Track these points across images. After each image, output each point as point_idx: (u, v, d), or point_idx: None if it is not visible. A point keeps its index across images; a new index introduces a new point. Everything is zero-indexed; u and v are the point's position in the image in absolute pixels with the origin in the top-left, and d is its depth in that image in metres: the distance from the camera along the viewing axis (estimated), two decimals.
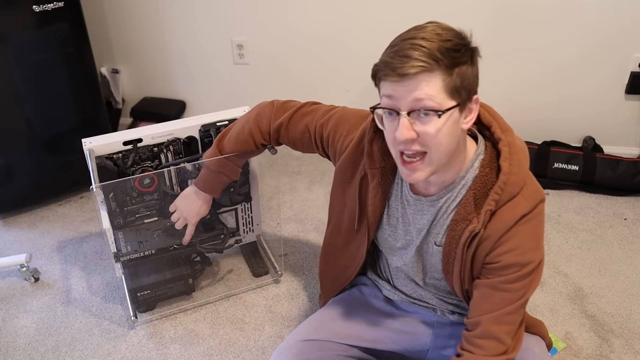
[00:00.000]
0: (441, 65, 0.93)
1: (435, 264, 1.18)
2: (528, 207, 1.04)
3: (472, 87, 0.98)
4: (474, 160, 1.08)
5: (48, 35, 1.96)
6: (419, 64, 0.92)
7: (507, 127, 1.09)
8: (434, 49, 0.92)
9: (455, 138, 1.00)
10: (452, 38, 0.94)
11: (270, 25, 2.34)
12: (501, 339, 1.08)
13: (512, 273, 1.06)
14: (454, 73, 0.94)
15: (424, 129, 0.96)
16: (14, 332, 1.67)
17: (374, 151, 1.16)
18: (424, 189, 1.13)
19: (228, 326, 1.67)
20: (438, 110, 0.94)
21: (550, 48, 2.18)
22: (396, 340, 1.32)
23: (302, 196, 2.24)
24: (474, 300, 1.12)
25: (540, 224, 1.07)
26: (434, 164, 1.00)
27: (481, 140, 1.10)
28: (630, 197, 2.17)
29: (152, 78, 2.60)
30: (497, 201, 1.03)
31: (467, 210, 1.07)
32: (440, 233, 1.13)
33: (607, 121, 2.28)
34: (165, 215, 1.69)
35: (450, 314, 1.30)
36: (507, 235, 1.05)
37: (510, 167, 1.04)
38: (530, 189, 1.06)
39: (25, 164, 2.08)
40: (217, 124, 1.63)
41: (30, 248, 2.00)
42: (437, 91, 0.94)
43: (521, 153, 1.07)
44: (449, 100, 0.95)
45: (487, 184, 1.06)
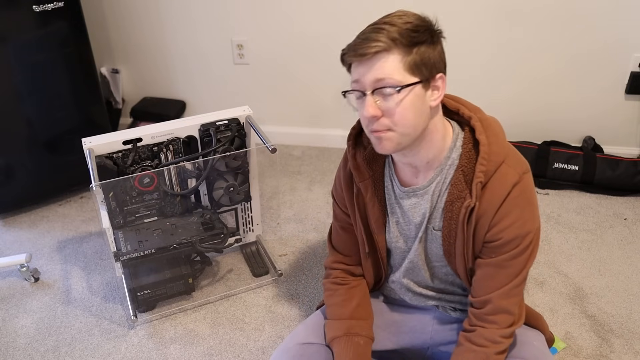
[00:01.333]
0: (398, 44, 0.99)
1: (436, 250, 1.18)
2: (516, 175, 1.07)
3: (435, 65, 1.03)
4: (455, 140, 1.11)
5: (48, 35, 1.96)
6: (377, 44, 0.99)
7: (474, 106, 1.14)
8: (393, 31, 0.99)
9: (422, 114, 1.04)
10: (412, 20, 1.01)
11: (270, 26, 2.34)
12: (511, 310, 1.13)
13: (514, 247, 1.09)
14: (412, 51, 1.00)
15: (386, 105, 1.02)
16: (14, 332, 1.67)
17: (359, 163, 1.20)
18: (414, 177, 1.15)
19: (228, 326, 1.67)
20: (396, 86, 0.99)
21: (551, 48, 2.18)
22: (396, 339, 1.32)
23: (302, 196, 2.24)
24: (478, 279, 1.14)
25: (532, 193, 1.11)
26: (401, 138, 1.05)
27: (454, 124, 1.14)
28: (630, 197, 2.17)
29: (152, 78, 2.60)
30: (484, 172, 1.06)
31: (459, 188, 1.10)
32: (437, 217, 1.14)
33: (607, 121, 2.28)
34: (165, 215, 1.69)
35: (452, 311, 1.30)
36: (503, 210, 1.07)
37: (488, 139, 1.08)
38: (514, 158, 1.09)
39: (25, 164, 2.08)
40: (217, 124, 1.63)
41: (30, 248, 2.00)
42: (396, 69, 0.99)
43: (494, 125, 1.12)
44: (410, 77, 1.00)
45: (471, 159, 1.09)
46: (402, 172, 1.17)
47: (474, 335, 1.14)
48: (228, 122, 1.64)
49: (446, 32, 1.07)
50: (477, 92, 2.30)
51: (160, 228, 1.66)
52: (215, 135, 1.63)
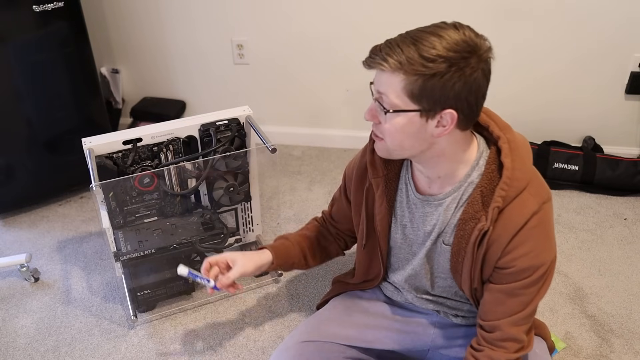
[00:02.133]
0: (404, 69, 0.94)
1: (443, 263, 1.18)
2: (536, 204, 1.04)
3: (442, 99, 0.96)
4: (479, 158, 1.08)
5: (48, 35, 1.96)
6: (383, 64, 0.96)
7: (505, 124, 1.09)
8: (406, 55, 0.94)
9: (416, 140, 1.02)
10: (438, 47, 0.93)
11: (270, 26, 2.34)
12: (519, 338, 1.12)
13: (527, 277, 1.07)
14: (416, 80, 0.94)
15: (382, 118, 1.03)
16: (14, 332, 1.67)
17: (376, 160, 1.18)
18: (428, 186, 1.14)
19: (228, 326, 1.67)
20: (387, 107, 0.99)
21: (551, 48, 2.18)
22: (396, 340, 1.32)
23: (302, 196, 2.24)
24: (487, 303, 1.13)
25: (551, 224, 1.08)
26: (389, 149, 1.06)
27: (481, 140, 1.10)
28: (630, 197, 2.17)
29: (152, 78, 2.60)
30: (503, 197, 1.03)
31: (475, 208, 1.07)
32: (448, 232, 1.13)
33: (607, 121, 2.28)
34: (165, 215, 1.69)
35: (453, 317, 1.30)
36: (519, 238, 1.04)
37: (513, 163, 1.04)
38: (536, 186, 1.06)
39: (25, 164, 2.08)
40: (217, 124, 1.63)
41: (30, 248, 2.00)
42: (394, 91, 0.97)
43: (523, 149, 1.08)
44: (409, 103, 0.97)
45: (492, 181, 1.06)
46: (418, 179, 1.16)
47: (481, 355, 1.13)
48: (228, 122, 1.64)
49: None
50: None
51: (160, 228, 1.66)
52: (215, 135, 1.63)
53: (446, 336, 1.30)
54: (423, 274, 1.23)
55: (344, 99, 2.45)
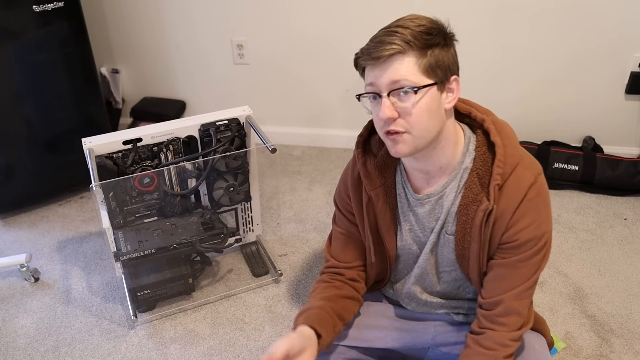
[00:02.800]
0: (413, 47, 0.99)
1: (448, 255, 1.18)
2: (532, 176, 1.07)
3: (449, 67, 1.04)
4: (468, 144, 1.11)
5: (48, 35, 1.96)
6: (391, 47, 0.99)
7: (486, 109, 1.14)
8: (407, 34, 1.00)
9: (437, 116, 1.04)
10: (425, 23, 1.02)
11: (270, 26, 2.34)
12: (521, 312, 1.12)
13: (529, 249, 1.09)
14: (427, 54, 1.00)
15: (402, 105, 1.02)
16: (14, 332, 1.67)
17: (370, 171, 1.18)
18: (426, 184, 1.14)
19: (228, 326, 1.67)
20: (414, 87, 1.00)
21: (551, 49, 2.18)
22: (396, 338, 1.32)
23: (302, 196, 2.24)
24: (489, 280, 1.13)
25: (547, 195, 1.11)
26: (417, 140, 1.04)
27: (465, 127, 1.14)
28: (630, 197, 2.17)
29: (152, 78, 2.60)
30: (501, 174, 1.06)
31: (474, 191, 1.09)
32: (450, 221, 1.14)
33: (607, 121, 2.28)
34: (165, 215, 1.69)
35: (455, 315, 1.30)
36: (520, 211, 1.07)
37: (503, 141, 1.08)
38: (528, 160, 1.09)
39: (25, 164, 2.08)
40: (217, 124, 1.63)
41: (30, 248, 2.00)
42: (411, 71, 1.00)
43: (507, 128, 1.12)
44: (426, 78, 1.01)
45: (486, 161, 1.09)
46: (414, 178, 1.16)
47: (482, 338, 1.13)
48: (228, 122, 1.64)
49: None
50: (477, 93, 2.30)
51: (160, 228, 1.66)
52: (215, 135, 1.63)
53: (447, 334, 1.30)
54: (429, 270, 1.23)
55: (344, 99, 2.45)
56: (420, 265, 1.22)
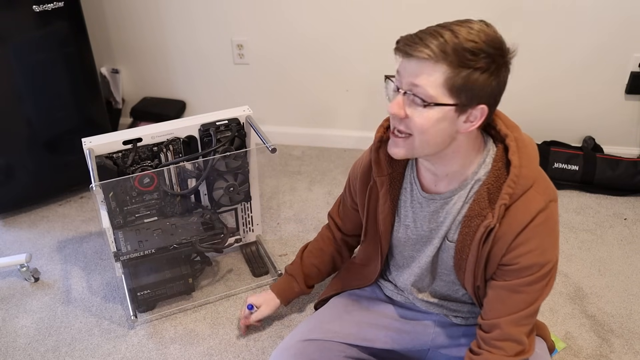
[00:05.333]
0: (448, 60, 0.92)
1: (447, 260, 1.18)
2: (542, 202, 1.03)
3: (479, 95, 0.96)
4: (486, 156, 1.08)
5: (48, 35, 1.96)
6: (426, 51, 0.93)
7: (513, 124, 1.09)
8: (450, 43, 0.92)
9: (445, 135, 1.00)
10: (479, 41, 0.93)
11: (270, 26, 2.34)
12: (520, 340, 1.10)
13: (531, 274, 1.06)
14: (459, 73, 0.93)
15: (410, 112, 0.98)
16: (14, 332, 1.67)
17: (381, 158, 1.18)
18: (434, 185, 1.13)
19: (228, 326, 1.67)
20: (425, 101, 0.95)
21: (550, 48, 2.18)
22: (397, 339, 1.32)
23: (302, 196, 2.24)
24: (489, 301, 1.12)
25: (556, 224, 1.07)
26: (414, 149, 1.02)
27: (489, 138, 1.10)
28: (630, 197, 2.17)
29: (152, 78, 2.60)
30: (510, 195, 1.03)
31: (481, 205, 1.07)
32: (453, 229, 1.13)
33: (607, 121, 2.28)
34: (165, 215, 1.69)
35: (453, 317, 1.30)
36: (524, 235, 1.04)
37: (520, 161, 1.04)
38: (543, 184, 1.05)
39: (25, 164, 2.08)
40: (217, 123, 1.63)
41: (30, 248, 2.00)
42: (434, 83, 0.94)
43: (530, 147, 1.07)
44: (447, 97, 0.95)
45: (499, 178, 1.05)
46: (424, 177, 1.15)
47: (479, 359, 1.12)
48: (228, 122, 1.64)
49: None
50: None
51: (160, 228, 1.66)
52: (215, 135, 1.63)
53: (446, 336, 1.30)
54: (428, 271, 1.23)
55: (344, 99, 2.45)
56: (421, 266, 1.22)
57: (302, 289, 1.55)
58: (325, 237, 1.53)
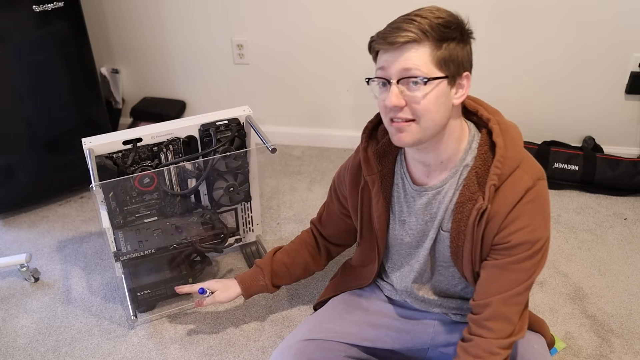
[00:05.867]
0: (429, 37, 0.99)
1: (444, 251, 1.18)
2: (530, 180, 1.06)
3: (462, 63, 1.03)
4: (471, 142, 1.11)
5: (48, 35, 1.96)
6: (407, 34, 0.98)
7: (494, 109, 1.13)
8: (425, 24, 0.99)
9: (445, 110, 1.04)
10: (445, 16, 1.01)
11: (270, 25, 2.34)
12: (511, 319, 1.10)
13: (522, 252, 1.07)
14: (442, 46, 1.00)
15: (411, 95, 1.01)
16: (14, 332, 1.67)
17: (370, 157, 1.19)
18: (426, 176, 1.14)
19: (228, 326, 1.67)
20: (424, 77, 0.99)
21: (550, 48, 2.18)
22: (396, 338, 1.32)
23: (302, 196, 2.24)
24: (481, 282, 1.13)
25: (546, 201, 1.09)
26: (422, 131, 1.04)
27: (471, 125, 1.13)
28: (630, 197, 2.17)
29: (152, 78, 2.60)
30: (499, 175, 1.05)
31: (471, 190, 1.09)
32: (446, 218, 1.14)
33: (607, 121, 2.28)
34: (165, 215, 1.69)
35: (453, 315, 1.30)
36: (514, 213, 1.06)
37: (505, 142, 1.07)
38: (529, 163, 1.08)
39: (25, 164, 2.08)
40: (217, 124, 1.63)
41: (30, 248, 2.00)
42: (424, 61, 0.99)
43: (512, 130, 1.11)
44: (437, 71, 1.01)
45: (486, 161, 1.08)
46: (415, 170, 1.16)
47: (470, 346, 1.12)
48: (228, 122, 1.64)
49: None
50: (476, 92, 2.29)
51: (160, 228, 1.66)
52: (215, 135, 1.63)
53: (446, 334, 1.30)
54: (427, 265, 1.23)
55: (344, 99, 2.45)
56: (420, 260, 1.22)
57: (267, 284, 1.48)
58: (303, 241, 1.50)
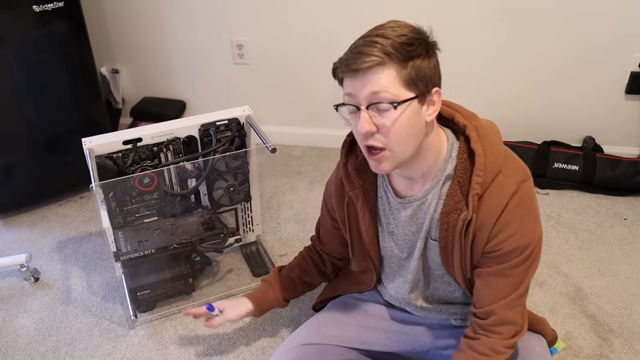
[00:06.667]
0: (394, 58, 0.95)
1: (434, 258, 1.18)
2: (514, 184, 1.04)
3: (431, 79, 1.00)
4: (450, 150, 1.09)
5: (48, 35, 1.96)
6: (371, 58, 0.95)
7: (470, 113, 1.11)
8: (387, 45, 0.95)
9: (417, 130, 1.01)
10: (407, 33, 0.97)
11: (270, 25, 2.34)
12: (515, 321, 1.11)
13: (515, 257, 1.07)
14: (408, 66, 0.96)
15: (382, 121, 0.98)
16: (14, 332, 1.67)
17: (350, 172, 1.19)
18: (409, 188, 1.13)
19: (228, 326, 1.67)
20: (394, 101, 0.96)
21: (550, 48, 2.18)
22: (396, 341, 1.32)
23: (302, 196, 2.24)
24: (479, 290, 1.12)
25: (533, 201, 1.08)
26: (397, 156, 1.02)
27: (449, 132, 1.11)
28: (630, 197, 2.17)
29: (152, 78, 2.60)
30: (481, 184, 1.04)
31: (455, 199, 1.07)
32: (433, 227, 1.13)
33: (607, 121, 2.28)
34: (165, 215, 1.69)
35: (453, 320, 1.30)
36: (503, 220, 1.05)
37: (484, 148, 1.05)
38: (511, 166, 1.07)
39: (25, 164, 2.08)
40: (217, 124, 1.63)
41: (30, 248, 2.00)
42: (392, 83, 0.96)
43: (490, 132, 1.08)
44: (406, 91, 0.97)
45: (467, 170, 1.07)
46: (397, 183, 1.15)
47: (477, 344, 1.12)
48: (228, 122, 1.64)
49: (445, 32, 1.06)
50: (476, 92, 2.30)
51: (160, 228, 1.66)
52: (215, 135, 1.63)
53: (446, 338, 1.30)
54: (421, 274, 1.23)
55: None
56: (412, 271, 1.22)
57: (278, 297, 1.45)
58: (306, 255, 1.48)
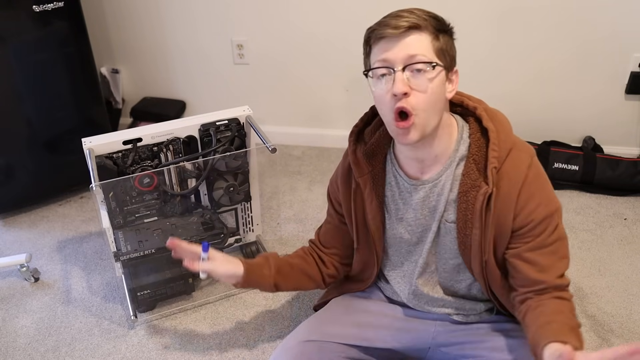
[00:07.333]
0: (428, 27, 1.02)
1: (450, 244, 1.18)
2: (528, 158, 1.10)
3: (453, 57, 1.07)
4: (462, 132, 1.13)
5: (48, 35, 1.96)
6: (410, 19, 1.01)
7: (478, 99, 1.16)
8: (422, 14, 1.03)
9: (442, 100, 1.06)
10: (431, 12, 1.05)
11: (270, 25, 2.34)
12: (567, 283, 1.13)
13: (547, 226, 1.10)
14: (439, 37, 1.03)
15: (417, 82, 1.02)
16: (14, 332, 1.67)
17: (359, 158, 1.21)
18: (421, 173, 1.15)
19: (228, 326, 1.67)
20: (431, 62, 1.01)
21: (550, 48, 2.18)
22: (397, 338, 1.32)
23: (302, 196, 2.24)
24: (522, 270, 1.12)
25: (545, 174, 1.13)
26: (425, 125, 1.04)
27: (458, 117, 1.16)
28: (630, 197, 2.17)
29: (152, 78, 2.60)
30: (497, 158, 1.08)
31: (472, 177, 1.10)
32: (450, 210, 1.14)
33: (607, 121, 2.28)
34: (165, 215, 1.69)
35: (455, 316, 1.30)
36: (525, 193, 1.08)
37: (495, 126, 1.10)
38: (520, 144, 1.12)
39: (25, 164, 2.08)
40: (217, 124, 1.64)
41: (30, 248, 2.00)
42: (427, 49, 1.02)
43: (499, 115, 1.14)
44: (438, 60, 1.03)
45: (481, 147, 1.11)
46: (408, 167, 1.17)
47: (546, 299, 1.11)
48: (228, 122, 1.64)
49: None
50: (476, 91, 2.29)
51: (160, 228, 1.66)
52: (215, 135, 1.63)
53: (447, 334, 1.30)
54: (431, 259, 1.23)
55: (344, 99, 2.45)
56: (423, 255, 1.22)
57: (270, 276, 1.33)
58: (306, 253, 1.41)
